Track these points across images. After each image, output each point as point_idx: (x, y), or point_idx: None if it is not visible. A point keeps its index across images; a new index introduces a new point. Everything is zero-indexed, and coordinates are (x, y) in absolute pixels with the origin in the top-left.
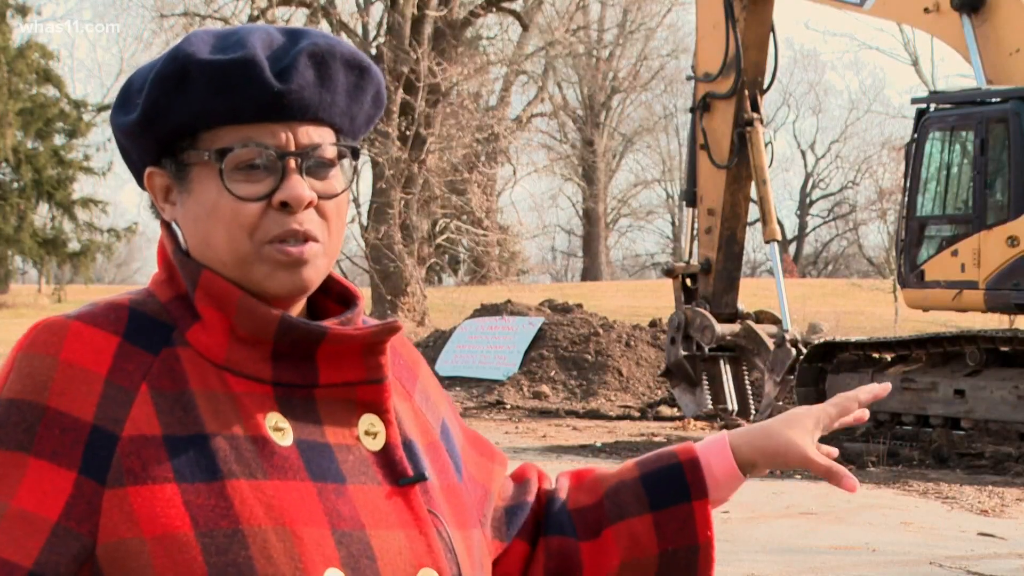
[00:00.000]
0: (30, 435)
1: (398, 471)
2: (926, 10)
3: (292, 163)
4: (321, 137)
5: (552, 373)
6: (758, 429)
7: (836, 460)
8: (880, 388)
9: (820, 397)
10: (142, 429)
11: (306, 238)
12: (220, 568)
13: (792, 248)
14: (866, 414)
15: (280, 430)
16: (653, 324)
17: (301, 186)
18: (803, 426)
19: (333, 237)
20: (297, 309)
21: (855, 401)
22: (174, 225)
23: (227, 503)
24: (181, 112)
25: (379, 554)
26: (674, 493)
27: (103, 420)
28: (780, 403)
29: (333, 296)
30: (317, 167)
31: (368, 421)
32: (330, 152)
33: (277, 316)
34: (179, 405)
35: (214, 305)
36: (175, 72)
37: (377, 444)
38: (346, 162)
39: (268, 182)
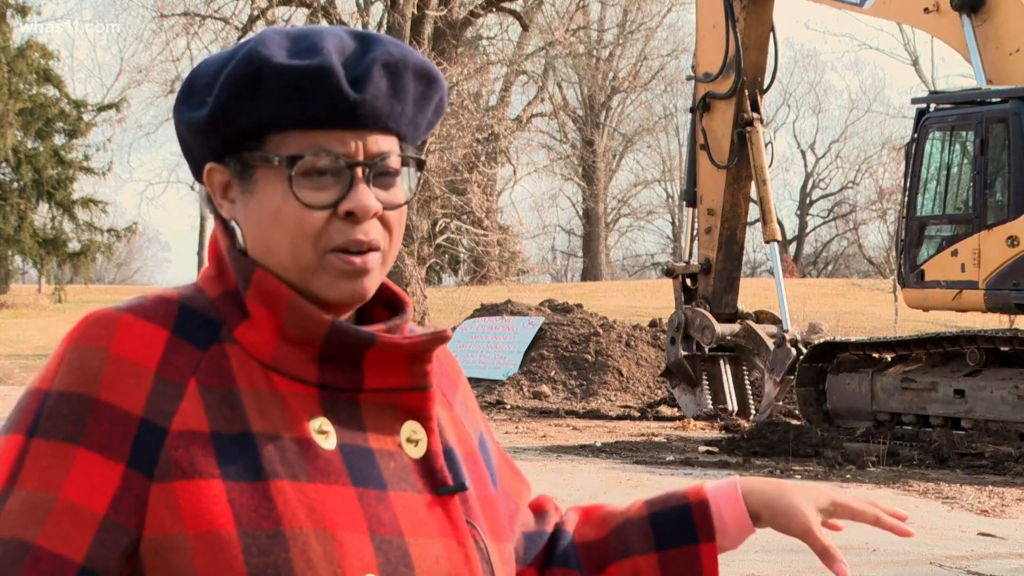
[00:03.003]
0: (79, 427)
1: (438, 480)
2: (926, 10)
3: (360, 172)
4: (388, 146)
5: (552, 373)
6: (772, 484)
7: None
8: (904, 529)
9: (820, 397)
10: (190, 424)
11: (369, 248)
12: (260, 569)
13: (792, 248)
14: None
15: (324, 433)
16: (653, 324)
17: (368, 196)
18: (816, 501)
19: (393, 247)
20: (347, 313)
21: (874, 517)
22: (232, 223)
23: (270, 504)
24: (252, 115)
25: (417, 562)
26: (681, 534)
27: (152, 414)
28: (780, 403)
29: (381, 301)
30: (382, 176)
31: (411, 428)
32: (396, 162)
33: (328, 320)
34: (226, 402)
35: (265, 304)
36: (249, 75)
37: (419, 452)
38: (411, 172)
39: (335, 190)
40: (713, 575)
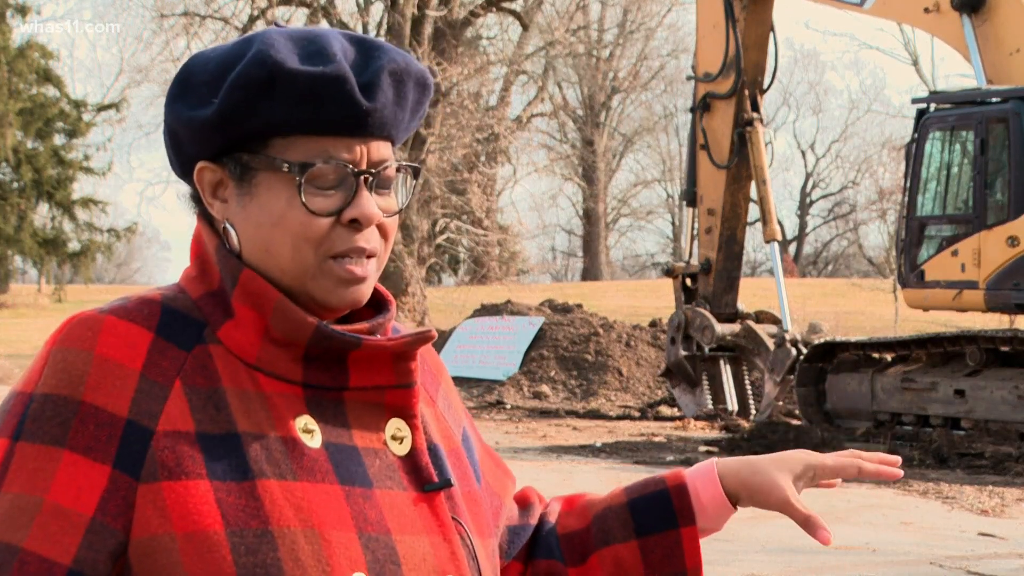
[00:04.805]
0: (64, 429)
1: (423, 477)
2: (926, 10)
3: (363, 180)
4: (387, 153)
5: (552, 373)
6: (746, 462)
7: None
8: (891, 472)
9: (820, 397)
10: (176, 425)
11: (368, 255)
12: (248, 568)
13: (792, 248)
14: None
15: (309, 432)
16: (653, 324)
17: (372, 204)
18: (792, 470)
19: (387, 252)
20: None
21: (856, 468)
22: (225, 223)
23: (257, 503)
24: (260, 117)
25: (404, 559)
26: (661, 519)
27: (138, 415)
28: (780, 403)
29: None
30: (381, 184)
31: (395, 426)
32: (392, 169)
33: (312, 324)
34: (211, 403)
35: (251, 305)
36: (262, 78)
37: (403, 449)
38: (408, 179)
39: (339, 197)
40: (695, 558)
